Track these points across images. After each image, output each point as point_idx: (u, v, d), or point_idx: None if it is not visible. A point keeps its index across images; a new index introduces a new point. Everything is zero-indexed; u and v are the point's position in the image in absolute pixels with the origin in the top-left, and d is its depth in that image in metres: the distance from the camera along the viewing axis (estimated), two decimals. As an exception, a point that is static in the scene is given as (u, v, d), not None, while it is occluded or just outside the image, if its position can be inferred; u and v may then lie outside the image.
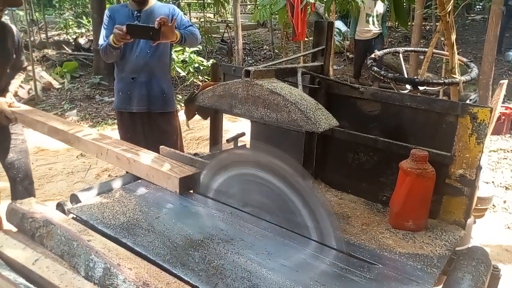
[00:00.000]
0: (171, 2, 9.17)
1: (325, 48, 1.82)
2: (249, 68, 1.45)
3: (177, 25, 2.61)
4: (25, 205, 1.42)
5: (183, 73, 6.78)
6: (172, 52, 3.16)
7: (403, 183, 1.49)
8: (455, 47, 2.35)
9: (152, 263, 1.22)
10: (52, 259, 1.18)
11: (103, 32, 2.68)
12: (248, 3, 15.68)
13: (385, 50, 2.73)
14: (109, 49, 2.54)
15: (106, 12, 2.76)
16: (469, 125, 1.49)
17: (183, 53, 6.77)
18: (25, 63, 2.82)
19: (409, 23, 7.73)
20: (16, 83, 2.71)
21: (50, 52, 8.82)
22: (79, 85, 7.52)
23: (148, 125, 2.84)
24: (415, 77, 2.67)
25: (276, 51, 9.50)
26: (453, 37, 2.32)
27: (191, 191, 1.70)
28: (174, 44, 2.70)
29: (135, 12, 2.69)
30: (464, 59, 2.56)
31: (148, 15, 2.66)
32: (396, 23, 10.79)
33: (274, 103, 1.41)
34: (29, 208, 1.39)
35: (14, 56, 2.60)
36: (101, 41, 2.66)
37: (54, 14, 13.34)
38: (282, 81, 1.56)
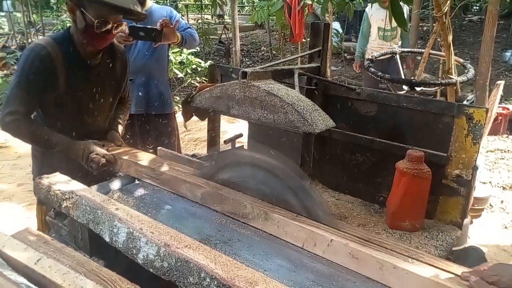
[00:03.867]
0: (168, 4, 9.17)
1: (321, 50, 1.82)
2: (246, 70, 1.46)
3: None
4: (50, 179, 1.54)
5: (180, 75, 6.79)
6: (169, 54, 3.16)
7: (399, 183, 1.49)
8: (451, 48, 2.37)
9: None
10: (54, 259, 1.19)
11: None
12: (246, 4, 15.71)
13: (382, 51, 2.75)
14: None
15: None
16: (465, 125, 1.50)
17: (180, 55, 6.77)
18: (129, 93, 2.19)
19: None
20: (122, 121, 2.09)
21: (47, 53, 8.80)
22: (77, 87, 7.51)
23: (146, 127, 2.85)
24: (412, 78, 2.68)
25: (274, 52, 9.52)
26: (450, 38, 2.34)
27: None
28: (172, 46, 2.71)
29: None
30: (461, 60, 2.58)
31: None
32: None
33: (271, 104, 1.42)
34: (55, 182, 1.51)
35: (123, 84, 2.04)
36: None
37: (51, 15, 13.31)
38: (279, 82, 1.57)
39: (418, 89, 2.41)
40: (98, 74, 1.87)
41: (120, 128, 2.04)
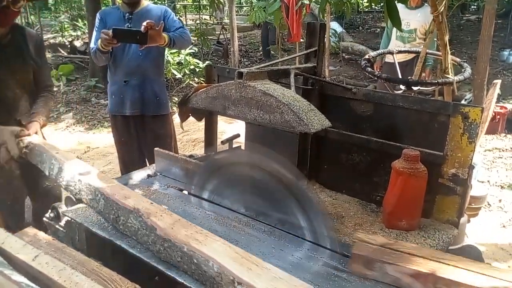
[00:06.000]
0: (166, 4, 9.17)
1: (317, 50, 1.83)
2: (242, 70, 1.46)
3: (167, 26, 2.60)
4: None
5: (179, 75, 6.78)
6: (166, 54, 3.14)
7: (396, 183, 1.50)
8: (448, 47, 2.37)
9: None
10: (51, 256, 1.20)
11: (94, 35, 2.67)
12: (244, 4, 15.71)
13: (378, 51, 2.75)
14: (98, 53, 2.53)
15: (98, 14, 2.75)
16: (461, 124, 1.50)
17: (178, 55, 6.76)
18: (51, 81, 2.33)
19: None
20: (43, 109, 2.17)
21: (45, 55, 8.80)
22: (75, 88, 7.51)
23: (142, 128, 2.83)
24: (409, 77, 2.68)
25: (272, 52, 9.51)
26: (446, 37, 2.34)
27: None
28: (168, 49, 2.68)
29: (127, 14, 2.67)
30: (457, 59, 2.58)
31: (139, 17, 2.63)
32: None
33: (267, 105, 1.42)
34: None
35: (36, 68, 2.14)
36: (92, 44, 2.65)
37: (49, 17, 13.32)
38: (275, 82, 1.57)
39: (415, 88, 2.41)
40: (10, 52, 2.01)
41: (39, 116, 2.11)
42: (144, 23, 2.25)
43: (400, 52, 2.77)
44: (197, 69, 7.01)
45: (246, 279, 0.98)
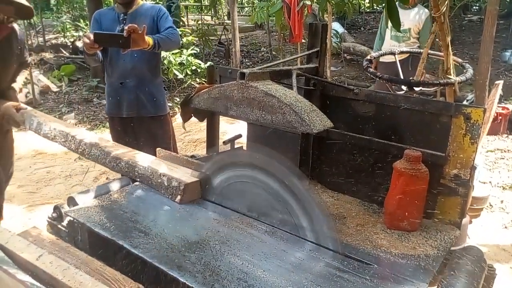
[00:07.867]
0: (167, 4, 9.18)
1: (319, 50, 1.83)
2: (244, 70, 1.46)
3: (159, 26, 2.60)
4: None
5: (180, 76, 6.79)
6: (167, 55, 3.14)
7: (397, 183, 1.49)
8: (450, 48, 2.36)
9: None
10: (55, 255, 1.21)
11: None
12: (246, 5, 15.72)
13: (380, 52, 2.75)
14: (85, 56, 2.52)
15: (94, 15, 2.75)
16: (463, 125, 1.50)
17: (180, 56, 6.78)
18: (29, 59, 2.68)
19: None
20: (20, 80, 2.62)
21: (47, 55, 8.84)
22: (77, 88, 7.53)
23: (140, 130, 2.82)
24: (411, 78, 2.68)
25: (274, 53, 9.52)
26: (448, 38, 2.34)
27: None
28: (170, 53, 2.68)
29: (121, 15, 2.66)
30: (459, 60, 2.58)
31: (134, 18, 2.61)
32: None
33: (269, 105, 1.42)
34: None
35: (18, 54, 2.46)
36: None
37: (51, 17, 13.34)
38: (277, 83, 1.58)
39: (417, 89, 2.41)
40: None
41: (17, 85, 2.53)
42: (126, 27, 2.22)
43: (402, 52, 2.76)
44: (199, 70, 7.03)
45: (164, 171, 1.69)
